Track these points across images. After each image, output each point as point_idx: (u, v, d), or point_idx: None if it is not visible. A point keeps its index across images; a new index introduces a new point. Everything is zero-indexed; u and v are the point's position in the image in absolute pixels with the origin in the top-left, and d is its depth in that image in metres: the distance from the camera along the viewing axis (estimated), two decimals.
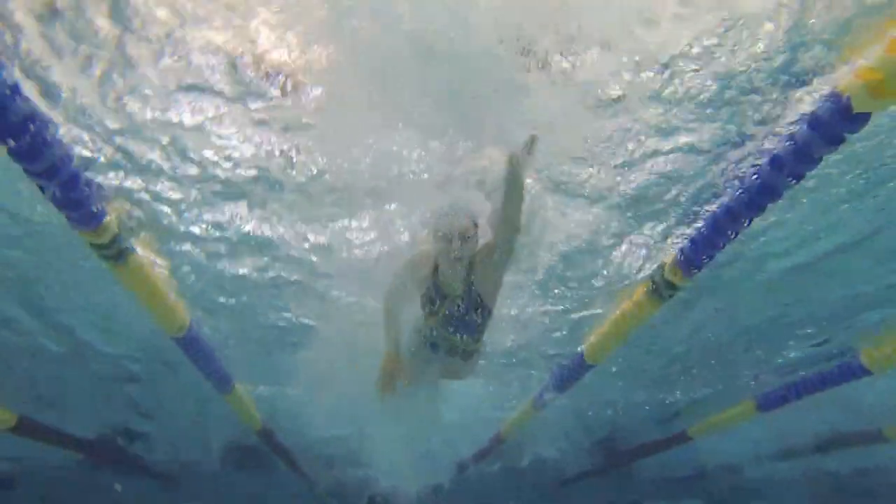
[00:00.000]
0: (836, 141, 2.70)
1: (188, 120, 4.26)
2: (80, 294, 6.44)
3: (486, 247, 3.47)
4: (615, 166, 4.66)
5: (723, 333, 7.30)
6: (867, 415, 8.83)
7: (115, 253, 3.24)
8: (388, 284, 3.84)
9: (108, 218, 3.16)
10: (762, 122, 3.96)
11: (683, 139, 4.38)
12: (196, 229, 5.34)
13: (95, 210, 2.95)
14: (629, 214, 5.16)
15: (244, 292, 6.28)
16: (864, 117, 2.52)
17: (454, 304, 3.56)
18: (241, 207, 5.16)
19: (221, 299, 6.42)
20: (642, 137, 4.40)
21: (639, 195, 4.94)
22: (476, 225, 3.37)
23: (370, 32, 3.26)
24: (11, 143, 2.01)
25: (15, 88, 1.97)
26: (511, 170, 3.03)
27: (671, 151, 4.51)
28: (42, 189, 2.40)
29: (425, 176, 3.90)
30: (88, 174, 2.70)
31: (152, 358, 7.90)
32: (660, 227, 5.26)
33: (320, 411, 8.61)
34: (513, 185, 3.07)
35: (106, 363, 8.01)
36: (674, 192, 4.85)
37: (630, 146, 4.48)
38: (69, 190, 2.55)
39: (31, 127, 2.15)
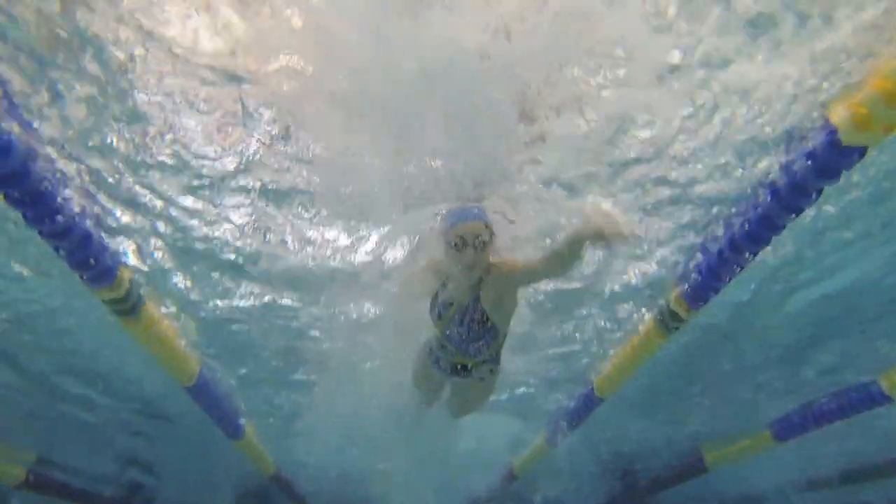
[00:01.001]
0: (829, 174, 2.74)
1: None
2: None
3: (509, 263, 3.22)
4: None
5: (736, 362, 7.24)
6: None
7: (130, 306, 3.30)
8: (402, 275, 3.67)
9: (121, 271, 3.24)
10: None
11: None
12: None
13: (110, 264, 3.04)
14: None
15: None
16: (856, 151, 2.56)
17: (459, 312, 3.32)
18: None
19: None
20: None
21: None
22: (490, 230, 3.09)
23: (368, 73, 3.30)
24: (29, 212, 2.09)
25: (32, 154, 2.06)
26: (586, 237, 2.87)
27: None
28: (57, 250, 2.47)
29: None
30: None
31: (153, 413, 7.90)
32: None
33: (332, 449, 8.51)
34: (577, 249, 2.89)
35: (104, 415, 8.03)
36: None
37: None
38: (84, 248, 2.63)
39: (46, 189, 2.25)
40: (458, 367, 3.62)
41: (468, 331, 3.35)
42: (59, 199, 2.36)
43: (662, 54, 3.45)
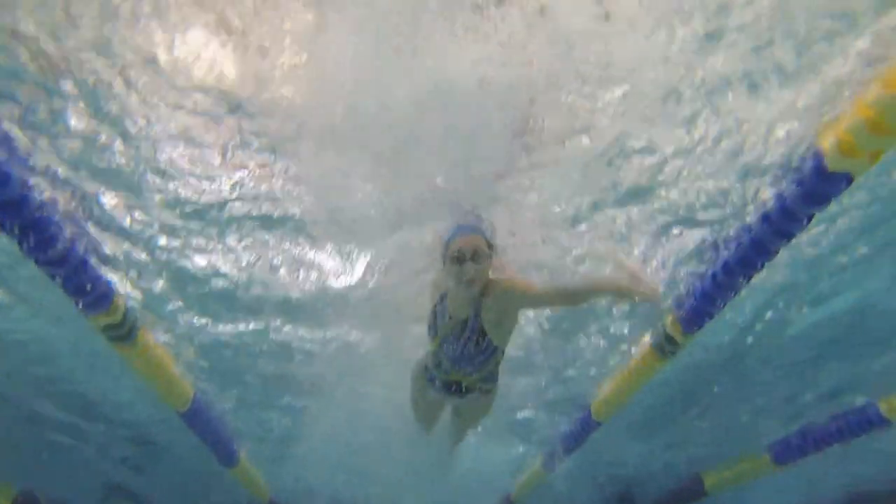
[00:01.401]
0: (816, 200, 2.77)
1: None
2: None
3: (511, 282, 3.16)
4: None
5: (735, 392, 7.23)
6: None
7: (127, 331, 3.29)
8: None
9: (116, 296, 3.24)
10: None
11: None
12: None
13: (106, 290, 3.04)
14: None
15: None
16: (842, 178, 2.60)
17: (456, 327, 3.26)
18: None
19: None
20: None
21: None
22: (490, 245, 3.07)
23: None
24: (31, 241, 2.10)
25: (28, 187, 2.08)
26: (609, 291, 3.09)
27: None
28: (53, 278, 2.48)
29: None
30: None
31: (143, 440, 7.80)
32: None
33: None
34: (594, 297, 3.05)
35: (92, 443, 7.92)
36: None
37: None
38: (81, 274, 2.64)
39: (42, 217, 2.27)
40: (453, 385, 3.57)
41: (465, 347, 3.30)
42: (54, 227, 2.38)
43: (663, 81, 3.50)
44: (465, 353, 3.34)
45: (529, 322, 5.56)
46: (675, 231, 4.53)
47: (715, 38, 3.28)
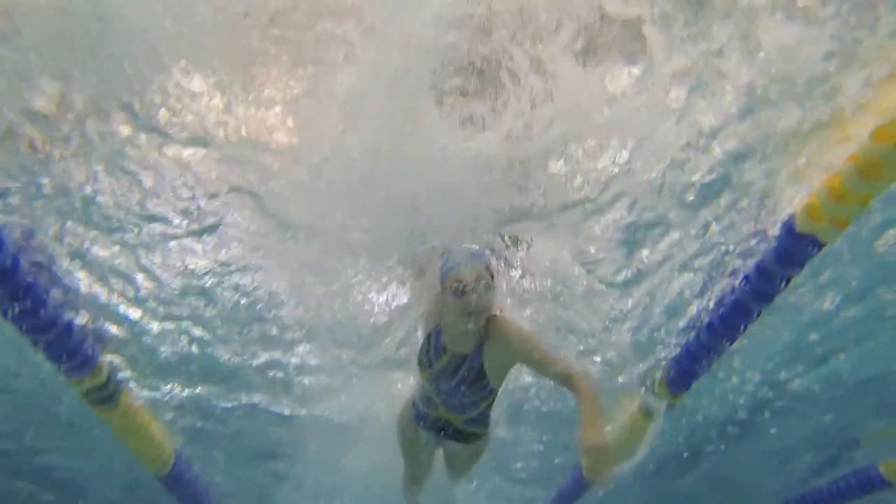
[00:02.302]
0: (788, 260, 2.84)
1: None
2: None
3: (521, 331, 2.93)
4: None
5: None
6: None
7: (110, 393, 3.26)
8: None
9: (101, 358, 3.24)
10: None
11: None
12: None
13: (91, 352, 3.04)
14: None
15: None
16: (809, 240, 2.68)
17: (452, 362, 3.00)
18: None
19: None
20: None
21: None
22: (492, 274, 2.85)
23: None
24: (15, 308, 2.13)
25: (15, 259, 2.13)
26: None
27: None
28: (35, 344, 2.48)
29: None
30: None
31: None
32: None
33: None
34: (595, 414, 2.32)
35: None
36: None
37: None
38: (65, 339, 2.65)
39: (31, 283, 2.31)
40: (442, 424, 3.31)
41: (459, 385, 3.03)
42: (42, 292, 2.41)
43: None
44: (459, 392, 3.07)
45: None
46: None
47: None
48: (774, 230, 3.05)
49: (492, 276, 2.83)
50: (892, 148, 2.21)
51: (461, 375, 3.01)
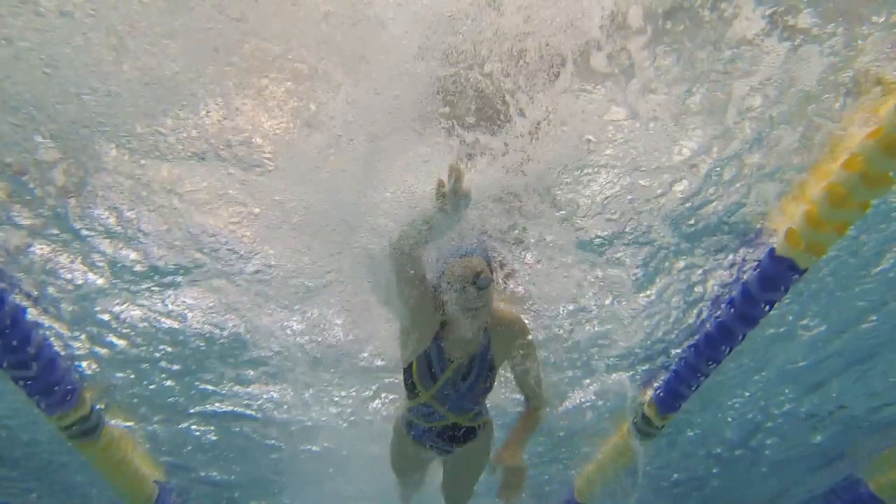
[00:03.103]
0: (769, 284, 2.89)
1: None
2: None
3: (521, 321, 2.94)
4: None
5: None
6: None
7: (92, 426, 3.20)
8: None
9: (83, 390, 3.18)
10: None
11: None
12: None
13: (72, 387, 2.99)
14: None
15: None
16: (787, 265, 2.74)
17: (460, 370, 2.90)
18: None
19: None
20: None
21: None
22: (491, 269, 2.77)
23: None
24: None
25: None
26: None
27: None
28: (15, 381, 2.44)
29: None
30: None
31: None
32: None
33: None
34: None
35: None
36: None
37: None
38: (49, 374, 2.61)
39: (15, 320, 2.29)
40: (452, 430, 3.16)
41: (472, 387, 2.93)
42: (27, 328, 2.39)
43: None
44: (471, 393, 2.96)
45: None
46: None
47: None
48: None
49: (491, 271, 2.74)
50: (858, 177, 2.27)
51: (473, 376, 2.92)
